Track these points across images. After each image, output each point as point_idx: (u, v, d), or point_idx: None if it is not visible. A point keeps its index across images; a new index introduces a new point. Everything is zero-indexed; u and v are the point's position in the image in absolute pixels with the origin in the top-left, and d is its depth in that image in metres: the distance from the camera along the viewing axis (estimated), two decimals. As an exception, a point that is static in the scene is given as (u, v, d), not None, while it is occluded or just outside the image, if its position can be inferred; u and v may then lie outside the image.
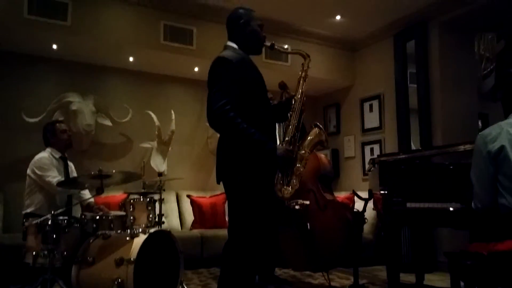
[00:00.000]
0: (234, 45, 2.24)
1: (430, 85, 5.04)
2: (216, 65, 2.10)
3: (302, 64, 2.39)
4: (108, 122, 4.94)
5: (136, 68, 5.29)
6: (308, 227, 3.54)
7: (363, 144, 5.91)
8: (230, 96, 2.01)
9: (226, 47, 2.25)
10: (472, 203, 2.38)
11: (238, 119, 2.01)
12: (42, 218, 2.80)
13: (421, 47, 5.12)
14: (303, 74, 2.36)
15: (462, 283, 2.21)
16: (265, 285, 3.78)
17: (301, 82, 2.35)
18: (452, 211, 2.65)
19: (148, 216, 3.20)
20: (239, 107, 2.04)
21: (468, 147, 3.16)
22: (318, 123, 2.36)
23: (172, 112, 5.15)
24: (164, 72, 5.46)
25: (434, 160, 4.28)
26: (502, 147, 2.09)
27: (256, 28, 2.27)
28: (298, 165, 2.22)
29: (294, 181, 2.19)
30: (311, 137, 2.29)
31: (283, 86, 3.83)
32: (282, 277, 4.00)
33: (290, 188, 2.18)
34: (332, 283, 3.80)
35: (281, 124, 3.52)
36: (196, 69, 5.31)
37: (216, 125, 2.05)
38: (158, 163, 4.90)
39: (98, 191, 2.98)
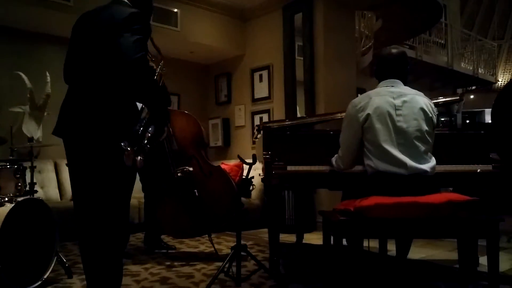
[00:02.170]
0: (126, 1, 1.96)
1: (314, 59, 5.26)
2: (137, 16, 1.83)
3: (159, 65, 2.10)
4: (-32, 83, 4.34)
5: (2, 23, 4.68)
6: (196, 193, 3.53)
7: (253, 113, 6.03)
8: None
9: (119, 2, 1.93)
10: (334, 163, 2.56)
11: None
12: None
13: (308, 20, 5.28)
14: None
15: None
16: (152, 252, 3.74)
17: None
18: (328, 173, 2.82)
19: (16, 185, 2.91)
20: None
21: (344, 114, 3.40)
22: None
23: (47, 74, 4.68)
24: (37, 29, 4.92)
25: (317, 128, 4.54)
26: (368, 116, 2.27)
27: None
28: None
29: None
30: None
31: None
32: (170, 243, 3.98)
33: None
34: (219, 246, 3.88)
35: None
36: (75, 28, 4.86)
37: (135, 74, 1.73)
38: (32, 129, 4.44)
39: (-49, 157, 2.62)
